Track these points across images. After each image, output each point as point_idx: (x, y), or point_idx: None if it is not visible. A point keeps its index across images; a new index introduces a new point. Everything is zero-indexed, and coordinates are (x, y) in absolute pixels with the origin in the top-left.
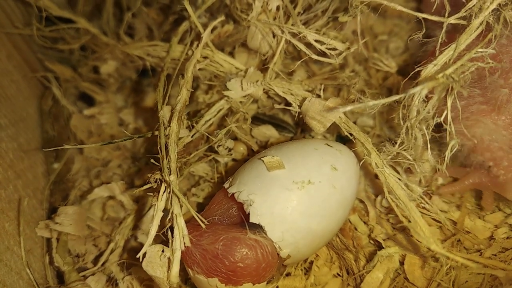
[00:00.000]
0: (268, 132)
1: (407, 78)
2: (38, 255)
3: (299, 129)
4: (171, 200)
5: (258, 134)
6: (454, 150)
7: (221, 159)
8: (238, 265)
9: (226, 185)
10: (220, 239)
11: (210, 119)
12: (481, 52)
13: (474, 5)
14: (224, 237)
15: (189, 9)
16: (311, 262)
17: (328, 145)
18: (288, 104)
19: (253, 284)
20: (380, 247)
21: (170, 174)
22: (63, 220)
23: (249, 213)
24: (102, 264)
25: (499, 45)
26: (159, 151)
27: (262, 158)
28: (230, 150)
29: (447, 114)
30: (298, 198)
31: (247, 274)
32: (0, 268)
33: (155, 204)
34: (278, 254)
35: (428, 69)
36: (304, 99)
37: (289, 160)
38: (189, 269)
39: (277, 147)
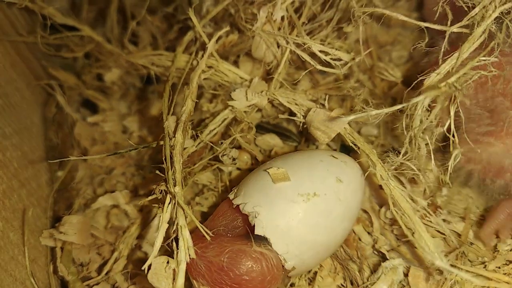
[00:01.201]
0: (272, 141)
1: (410, 88)
2: (42, 264)
3: (303, 138)
4: (176, 211)
5: (262, 143)
6: (457, 160)
7: (225, 168)
8: (243, 278)
9: (231, 196)
10: (226, 252)
11: (214, 129)
12: (484, 60)
13: (476, 14)
14: (230, 250)
15: (194, 19)
16: (315, 273)
17: (334, 156)
18: (292, 114)
19: None
20: (384, 258)
21: (175, 186)
22: (67, 230)
23: (254, 225)
24: (106, 273)
25: (502, 54)
26: (164, 162)
27: (267, 170)
28: (234, 159)
29: (450, 123)
30: (303, 210)
31: (252, 286)
32: (5, 278)
33: (160, 216)
34: (283, 266)
35: (431, 78)
36: (308, 109)
37: (295, 172)
38: (194, 281)
39: (282, 158)
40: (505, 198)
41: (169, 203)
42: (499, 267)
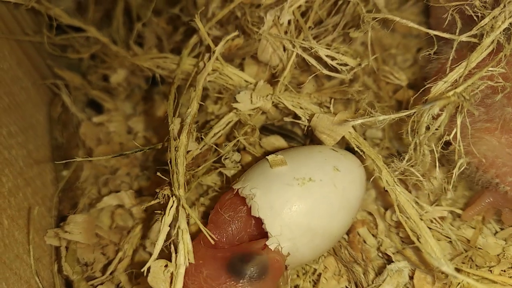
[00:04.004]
0: (277, 142)
1: (417, 94)
2: (47, 263)
3: (308, 139)
4: (178, 214)
5: (267, 144)
6: (462, 169)
7: (228, 172)
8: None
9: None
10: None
11: (219, 131)
12: (492, 71)
13: (486, 24)
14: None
15: (200, 25)
16: (319, 275)
17: (333, 149)
18: (297, 117)
19: None
20: (389, 260)
21: (179, 188)
22: (72, 229)
23: (250, 207)
24: (111, 273)
25: (508, 65)
26: (169, 166)
27: (266, 157)
28: (237, 163)
29: (456, 132)
30: (298, 193)
31: None
32: (10, 277)
33: (162, 219)
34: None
35: (438, 86)
36: (313, 114)
37: (293, 159)
38: None
39: (283, 150)
40: (487, 189)
41: (172, 206)
42: (504, 271)
